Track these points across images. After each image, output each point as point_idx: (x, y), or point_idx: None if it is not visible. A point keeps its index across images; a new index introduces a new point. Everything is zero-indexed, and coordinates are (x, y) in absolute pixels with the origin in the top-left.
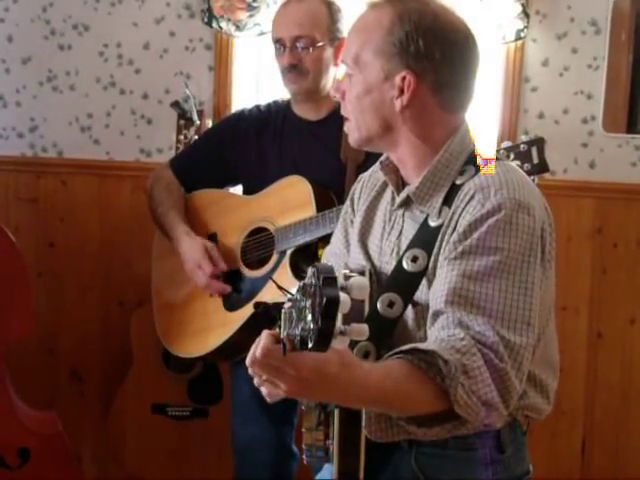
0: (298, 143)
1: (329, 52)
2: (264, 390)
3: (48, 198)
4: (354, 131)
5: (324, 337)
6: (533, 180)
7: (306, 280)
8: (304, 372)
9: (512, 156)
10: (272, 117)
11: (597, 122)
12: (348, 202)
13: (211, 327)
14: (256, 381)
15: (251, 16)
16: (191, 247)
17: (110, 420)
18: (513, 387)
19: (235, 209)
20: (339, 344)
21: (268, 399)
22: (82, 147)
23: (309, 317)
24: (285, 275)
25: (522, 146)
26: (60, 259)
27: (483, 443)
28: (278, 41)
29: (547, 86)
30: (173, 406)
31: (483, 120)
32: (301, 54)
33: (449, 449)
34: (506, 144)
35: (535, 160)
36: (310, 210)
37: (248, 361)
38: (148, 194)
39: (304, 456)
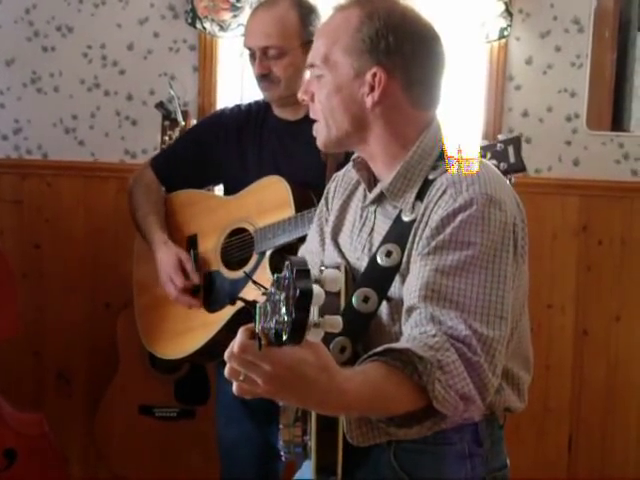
0: (278, 143)
1: (301, 57)
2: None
3: (33, 200)
4: (322, 132)
5: (298, 329)
6: (510, 179)
7: (280, 274)
8: (279, 368)
9: (489, 155)
10: (252, 117)
11: (581, 120)
12: (323, 201)
13: (192, 328)
14: (234, 388)
15: (235, 16)
16: (166, 258)
17: (97, 421)
18: (488, 379)
19: (215, 209)
20: (313, 336)
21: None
22: (67, 148)
23: (283, 310)
24: (265, 276)
25: (499, 145)
26: (46, 260)
27: (461, 437)
28: (249, 49)
29: (531, 84)
30: (160, 407)
31: (467, 119)
32: (271, 63)
33: (428, 444)
34: (483, 143)
35: (512, 159)
36: (289, 210)
37: (226, 355)
38: (128, 196)
39: (282, 452)
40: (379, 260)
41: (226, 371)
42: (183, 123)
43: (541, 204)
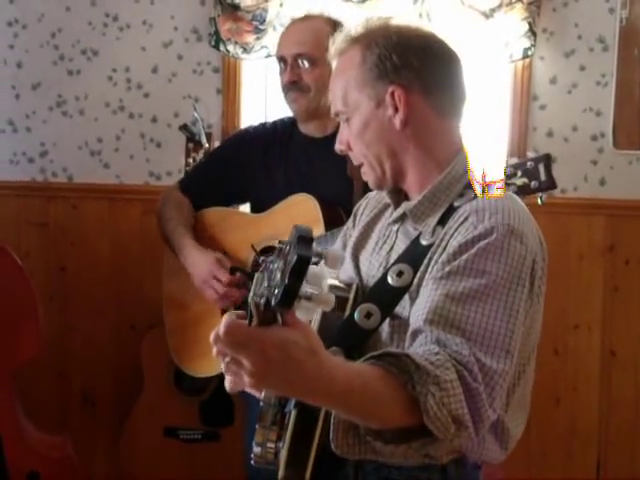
0: (305, 161)
1: (330, 73)
2: (227, 382)
3: (59, 222)
4: (370, 172)
5: (289, 294)
6: (541, 197)
7: (284, 243)
8: (268, 347)
9: (519, 173)
10: (278, 135)
11: (607, 139)
12: (351, 217)
13: None
14: (222, 366)
15: (258, 39)
16: (201, 260)
17: (122, 444)
18: (485, 409)
19: (243, 227)
20: (304, 312)
21: (228, 389)
22: (92, 171)
23: (278, 276)
24: None
25: (529, 163)
26: (71, 283)
27: (429, 477)
28: (281, 59)
29: (556, 104)
30: (185, 429)
31: (492, 139)
32: (302, 72)
33: None
34: (513, 161)
35: (542, 177)
36: (319, 228)
37: (212, 338)
38: (158, 213)
39: (252, 455)
40: (389, 279)
41: (214, 351)
42: (207, 145)
43: (567, 224)
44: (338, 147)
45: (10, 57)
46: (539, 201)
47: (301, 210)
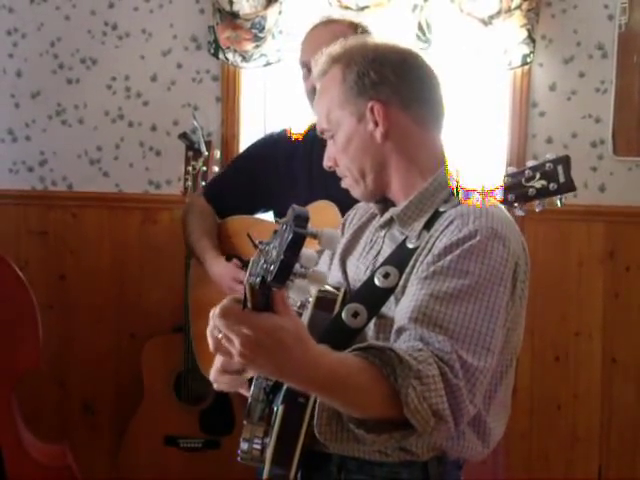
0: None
1: None
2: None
3: (58, 231)
4: (354, 185)
5: (284, 269)
6: (560, 200)
7: (281, 223)
8: (259, 332)
9: (538, 176)
10: (301, 141)
11: (606, 146)
12: (340, 226)
13: None
14: (211, 343)
15: (257, 47)
16: (225, 270)
17: (122, 453)
18: (465, 405)
19: (267, 235)
20: (296, 292)
21: (215, 385)
22: (91, 180)
23: (274, 254)
24: None
25: (548, 165)
26: (71, 291)
27: (410, 474)
28: (304, 65)
29: (555, 110)
30: (185, 438)
31: (491, 146)
32: None
33: (377, 478)
34: (531, 163)
35: (561, 179)
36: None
37: (210, 315)
38: (182, 222)
39: (238, 451)
40: (376, 280)
41: (207, 329)
42: (207, 153)
43: (567, 231)
44: (326, 164)
45: (9, 66)
46: (558, 203)
47: (322, 217)
